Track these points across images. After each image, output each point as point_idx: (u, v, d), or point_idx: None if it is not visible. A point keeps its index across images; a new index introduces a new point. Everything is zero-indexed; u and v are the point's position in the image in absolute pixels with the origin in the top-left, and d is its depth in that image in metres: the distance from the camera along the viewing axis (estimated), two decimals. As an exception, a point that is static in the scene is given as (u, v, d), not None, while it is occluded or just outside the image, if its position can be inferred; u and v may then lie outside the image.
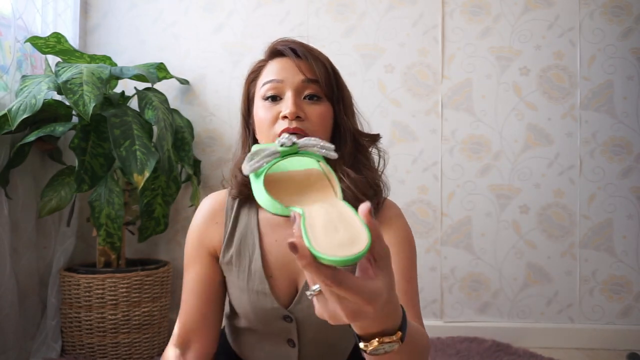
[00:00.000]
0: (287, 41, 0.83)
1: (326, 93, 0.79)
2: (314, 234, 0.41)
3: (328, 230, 0.42)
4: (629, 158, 1.88)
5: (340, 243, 0.40)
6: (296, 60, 0.79)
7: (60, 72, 1.46)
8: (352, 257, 0.38)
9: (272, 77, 0.78)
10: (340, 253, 0.38)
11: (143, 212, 1.73)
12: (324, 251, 0.39)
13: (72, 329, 1.57)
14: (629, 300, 1.86)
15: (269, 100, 0.78)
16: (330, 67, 0.82)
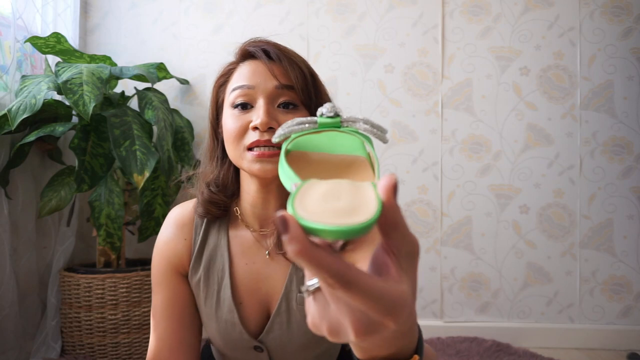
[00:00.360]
0: (260, 42, 0.74)
1: (303, 100, 0.70)
2: (303, 202, 0.30)
3: (326, 198, 0.31)
4: (629, 158, 1.88)
5: (338, 211, 0.29)
6: (269, 64, 0.71)
7: (60, 72, 1.46)
8: (351, 227, 0.27)
9: (242, 83, 0.70)
10: (335, 221, 0.28)
11: (143, 212, 1.73)
12: (313, 218, 0.28)
13: (72, 329, 1.57)
14: (629, 301, 1.86)
15: (238, 108, 0.69)
16: (308, 70, 0.73)
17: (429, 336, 1.84)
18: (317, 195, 0.32)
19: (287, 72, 0.70)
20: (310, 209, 0.29)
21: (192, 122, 1.96)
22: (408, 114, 1.94)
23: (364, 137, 0.42)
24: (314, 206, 0.30)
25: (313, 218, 0.28)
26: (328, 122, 0.42)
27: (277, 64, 0.71)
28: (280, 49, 0.73)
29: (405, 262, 0.31)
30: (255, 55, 0.73)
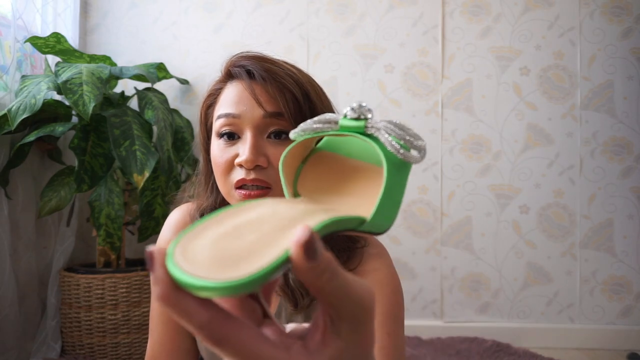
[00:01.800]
0: (244, 58, 0.64)
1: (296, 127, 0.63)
2: (191, 240, 0.25)
3: (226, 237, 0.26)
4: (629, 158, 1.88)
5: (228, 257, 0.24)
6: (253, 87, 0.61)
7: (60, 72, 1.46)
8: (229, 284, 0.22)
9: (227, 111, 0.61)
10: (214, 274, 0.23)
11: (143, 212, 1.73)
12: (189, 269, 0.23)
13: (72, 329, 1.57)
14: (629, 301, 1.86)
15: (224, 138, 0.62)
16: (302, 92, 0.62)
17: (429, 336, 1.84)
18: (215, 232, 0.26)
19: (275, 98, 0.60)
20: (190, 255, 0.24)
21: (192, 122, 1.96)
22: (408, 114, 1.94)
23: (382, 150, 0.35)
24: (198, 250, 0.25)
25: (183, 265, 0.23)
26: (350, 126, 0.36)
27: (262, 87, 0.61)
28: (266, 69, 0.62)
29: (347, 325, 0.25)
30: (239, 77, 0.63)
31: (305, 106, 0.62)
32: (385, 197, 0.34)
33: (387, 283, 0.65)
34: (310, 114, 0.61)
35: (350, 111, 0.36)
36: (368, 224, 0.33)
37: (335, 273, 0.24)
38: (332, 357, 0.25)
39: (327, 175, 0.40)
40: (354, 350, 0.26)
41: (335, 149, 0.42)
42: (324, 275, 0.24)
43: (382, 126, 0.35)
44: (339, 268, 0.25)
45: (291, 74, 0.63)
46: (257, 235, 0.26)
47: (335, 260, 0.25)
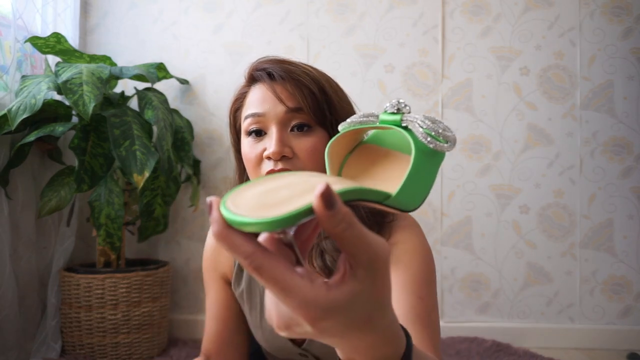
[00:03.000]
0: (264, 62, 0.71)
1: (316, 120, 0.68)
2: (239, 195, 0.32)
3: (267, 192, 0.32)
4: (629, 158, 1.87)
5: (267, 204, 0.30)
6: (274, 87, 0.68)
7: (60, 72, 1.46)
8: (265, 220, 0.28)
9: (253, 111, 0.69)
10: (255, 214, 0.29)
11: (143, 212, 1.73)
12: (236, 210, 0.29)
13: (72, 329, 1.57)
14: (629, 301, 1.86)
15: (252, 135, 0.69)
16: (318, 87, 0.69)
17: None
18: (259, 189, 0.32)
19: (295, 94, 0.67)
20: (238, 202, 0.30)
21: (192, 122, 1.96)
22: (408, 114, 1.94)
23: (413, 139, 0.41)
24: (244, 199, 0.31)
25: (232, 208, 0.29)
26: (388, 120, 0.43)
27: (282, 86, 0.68)
28: (285, 69, 0.69)
29: (363, 271, 0.30)
30: (260, 80, 0.70)
31: (322, 100, 0.68)
32: (412, 178, 0.40)
33: (418, 252, 0.70)
34: (328, 107, 0.68)
35: (389, 106, 0.43)
36: (393, 199, 0.39)
37: (352, 224, 0.29)
38: (348, 293, 0.30)
39: (368, 163, 0.46)
40: (369, 292, 0.30)
41: (380, 142, 0.48)
42: (341, 224, 0.28)
43: (416, 119, 0.41)
44: (357, 221, 0.29)
45: (307, 72, 0.70)
46: (290, 192, 0.31)
47: (353, 215, 0.29)
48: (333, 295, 0.29)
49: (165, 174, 1.61)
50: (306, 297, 0.29)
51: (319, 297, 0.29)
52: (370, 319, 0.32)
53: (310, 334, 0.31)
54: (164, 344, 1.73)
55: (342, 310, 0.30)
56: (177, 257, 1.96)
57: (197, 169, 1.94)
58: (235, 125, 0.77)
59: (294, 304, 0.29)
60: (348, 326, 0.31)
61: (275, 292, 0.29)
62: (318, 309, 0.29)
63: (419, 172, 0.41)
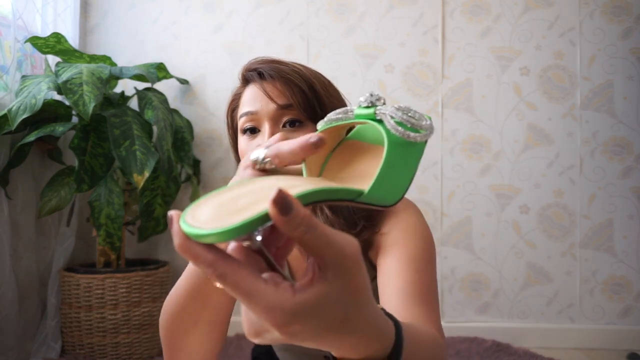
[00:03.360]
0: (255, 63, 0.74)
1: (307, 116, 0.71)
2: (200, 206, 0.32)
3: (226, 202, 0.32)
4: (629, 158, 1.87)
5: (224, 214, 0.30)
6: (265, 86, 0.71)
7: (60, 72, 1.46)
8: (219, 231, 0.28)
9: (246, 110, 0.72)
10: (210, 225, 0.29)
11: (143, 212, 1.73)
12: (194, 223, 0.29)
13: (72, 329, 1.57)
14: (629, 301, 1.86)
15: (247, 133, 0.72)
16: (307, 84, 0.72)
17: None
18: (218, 200, 0.32)
19: (284, 92, 0.70)
20: (196, 214, 0.30)
21: (191, 122, 1.96)
22: (408, 114, 1.94)
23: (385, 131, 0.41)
24: (203, 211, 0.31)
25: (191, 222, 0.29)
26: (362, 114, 0.43)
27: (272, 84, 0.71)
28: (275, 68, 0.72)
29: (331, 272, 0.29)
30: (252, 80, 0.74)
31: (311, 96, 0.71)
32: (385, 172, 0.39)
33: (415, 230, 0.71)
34: (317, 103, 0.71)
35: (363, 100, 0.43)
36: (366, 196, 0.38)
37: (312, 226, 0.28)
38: (316, 295, 0.29)
39: (350, 160, 0.45)
40: (340, 293, 0.30)
41: (362, 138, 0.47)
42: (299, 227, 0.28)
43: (388, 111, 0.41)
44: (318, 223, 0.29)
45: (296, 70, 0.72)
46: (249, 200, 0.31)
47: (313, 217, 0.29)
48: (299, 298, 0.29)
49: (165, 174, 1.61)
50: (270, 302, 0.28)
51: (283, 301, 0.28)
52: (347, 320, 0.31)
53: (281, 339, 0.30)
54: (164, 344, 1.73)
55: (310, 313, 0.29)
56: (177, 257, 1.96)
57: (197, 169, 1.94)
58: (233, 125, 0.80)
59: (258, 309, 0.28)
60: (321, 329, 0.30)
61: (240, 298, 0.29)
62: (283, 313, 0.28)
63: (394, 165, 0.40)
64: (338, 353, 0.34)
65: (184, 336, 0.61)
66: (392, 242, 0.69)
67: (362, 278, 0.31)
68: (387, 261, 0.68)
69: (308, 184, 0.36)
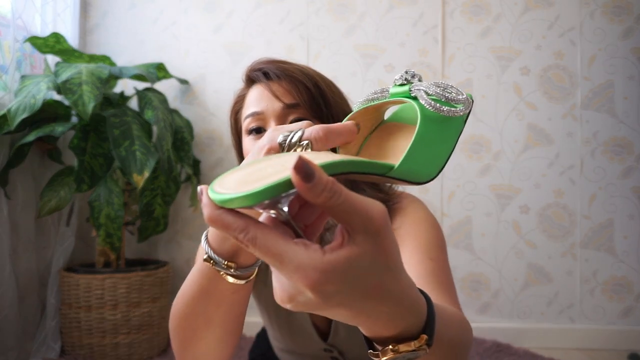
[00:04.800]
0: (260, 63, 0.74)
1: (313, 115, 0.71)
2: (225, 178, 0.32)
3: (253, 171, 0.32)
4: (629, 158, 1.87)
5: (250, 180, 0.30)
6: (271, 85, 0.71)
7: (60, 72, 1.46)
8: (244, 194, 0.28)
9: (252, 110, 0.71)
10: (237, 190, 0.29)
11: (143, 212, 1.73)
12: (221, 190, 0.30)
13: (72, 330, 1.57)
14: (630, 301, 1.86)
15: (253, 133, 0.71)
16: (313, 83, 0.71)
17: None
18: (246, 170, 0.33)
19: (290, 91, 0.70)
20: (224, 183, 0.31)
21: (191, 122, 1.96)
22: (408, 114, 1.94)
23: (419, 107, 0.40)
24: (231, 180, 0.32)
25: (219, 190, 0.30)
26: (397, 92, 0.42)
27: (277, 83, 0.71)
28: (280, 67, 0.72)
29: (361, 236, 0.29)
30: (257, 80, 0.73)
31: (317, 95, 0.70)
32: (417, 147, 0.38)
33: (425, 219, 0.71)
34: (323, 101, 0.71)
35: (398, 78, 0.42)
36: (397, 170, 0.37)
37: (337, 192, 0.28)
38: (347, 256, 0.29)
39: (387, 141, 0.44)
40: (372, 256, 0.30)
41: (400, 119, 0.46)
42: (323, 194, 0.28)
43: (424, 87, 0.40)
44: (343, 188, 0.29)
45: (301, 69, 0.72)
46: (275, 169, 0.31)
47: (337, 183, 0.29)
48: (329, 258, 0.29)
49: (165, 174, 1.61)
50: (301, 261, 0.28)
51: (315, 259, 0.28)
52: (382, 285, 0.30)
53: (314, 302, 0.29)
54: (164, 345, 1.73)
55: (343, 273, 0.29)
56: (177, 257, 1.96)
57: (197, 169, 1.94)
58: (237, 127, 0.79)
59: (289, 268, 0.28)
60: (356, 293, 0.30)
61: (271, 261, 0.29)
62: (316, 271, 0.28)
63: (427, 140, 0.39)
64: (372, 329, 0.34)
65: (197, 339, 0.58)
66: (404, 235, 0.69)
67: (391, 241, 0.31)
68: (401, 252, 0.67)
69: (335, 157, 0.35)
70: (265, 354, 0.93)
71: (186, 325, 0.57)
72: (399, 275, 0.32)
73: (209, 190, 0.31)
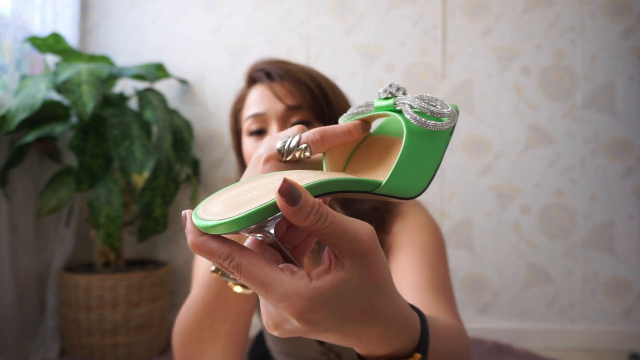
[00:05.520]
0: (262, 63, 0.73)
1: (315, 117, 0.70)
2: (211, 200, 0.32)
3: (236, 195, 0.32)
4: (630, 158, 1.87)
5: (234, 205, 0.30)
6: (273, 86, 0.69)
7: (59, 72, 1.46)
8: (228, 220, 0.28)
9: (253, 111, 0.70)
10: (221, 216, 0.29)
11: (142, 212, 1.73)
12: (205, 216, 0.30)
13: (71, 330, 1.57)
14: (631, 301, 1.85)
15: (254, 135, 0.70)
16: (315, 84, 0.70)
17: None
18: (229, 194, 0.32)
19: (293, 92, 0.69)
20: (208, 209, 0.31)
21: (191, 122, 1.95)
22: (408, 114, 1.93)
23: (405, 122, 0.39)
24: (214, 205, 0.31)
25: (202, 216, 0.30)
26: (382, 105, 0.42)
27: (280, 84, 0.69)
28: (283, 68, 0.71)
29: (348, 260, 0.29)
30: (259, 80, 0.72)
31: (320, 96, 0.69)
32: (404, 163, 0.37)
33: (425, 224, 0.71)
34: (325, 103, 0.70)
35: (382, 91, 0.41)
36: (385, 187, 0.37)
37: (323, 215, 0.28)
38: (334, 282, 0.28)
39: (374, 154, 0.44)
40: (360, 280, 0.29)
41: (386, 132, 0.46)
42: (309, 217, 0.28)
43: (408, 100, 0.39)
44: (330, 211, 0.28)
45: (304, 70, 0.71)
46: (259, 192, 0.31)
47: (323, 205, 0.28)
48: (315, 285, 0.28)
49: (164, 174, 1.60)
50: (286, 289, 0.28)
51: (300, 287, 0.28)
52: (372, 308, 0.30)
53: (301, 330, 0.29)
54: (164, 345, 1.73)
55: (330, 300, 0.28)
56: (177, 258, 1.96)
57: (196, 169, 1.94)
58: (237, 127, 0.78)
59: (275, 297, 0.28)
60: (345, 318, 0.29)
61: (256, 288, 0.28)
62: (300, 299, 0.27)
63: (414, 155, 0.38)
64: (364, 349, 0.33)
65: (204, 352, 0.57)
66: (404, 240, 0.69)
67: (380, 263, 0.30)
68: (400, 258, 0.67)
69: (321, 176, 0.35)
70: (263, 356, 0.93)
71: (193, 339, 0.57)
72: (390, 297, 0.31)
73: (193, 216, 0.30)
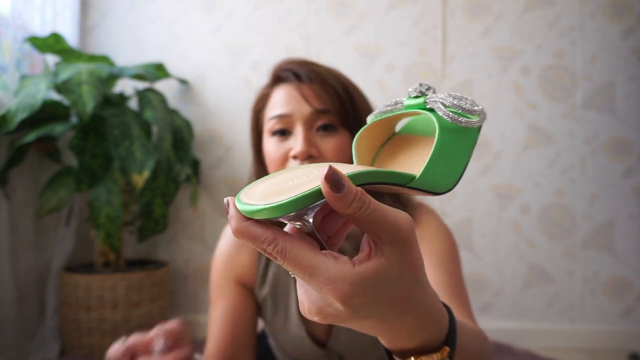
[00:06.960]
0: (290, 63, 0.72)
1: (341, 121, 0.69)
2: (251, 189, 0.32)
3: (279, 182, 0.32)
4: (630, 158, 1.87)
5: (277, 192, 0.30)
6: (301, 88, 0.69)
7: (59, 72, 1.46)
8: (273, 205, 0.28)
9: (279, 112, 0.69)
10: (265, 201, 0.29)
11: (142, 212, 1.72)
12: (248, 201, 0.30)
13: (71, 330, 1.57)
14: (631, 301, 1.85)
15: (277, 135, 0.69)
16: (343, 88, 0.71)
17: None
18: (272, 181, 0.33)
19: (322, 95, 0.69)
20: (250, 194, 0.31)
21: (191, 122, 1.95)
22: (408, 114, 1.93)
23: (436, 118, 0.40)
24: (257, 191, 0.32)
25: (246, 201, 0.30)
26: (412, 104, 0.42)
27: (310, 87, 0.69)
28: (312, 70, 0.70)
29: (388, 247, 0.30)
30: (287, 80, 0.71)
31: (347, 100, 0.70)
32: (437, 158, 0.38)
33: (440, 232, 0.71)
34: (351, 107, 0.70)
35: (412, 90, 0.42)
36: (418, 181, 0.38)
37: (366, 203, 0.29)
38: (375, 268, 0.29)
39: (401, 153, 0.45)
40: (399, 268, 0.30)
41: (413, 131, 0.46)
42: (352, 204, 0.28)
43: (439, 98, 0.39)
44: (371, 199, 0.29)
45: (332, 73, 0.72)
46: (301, 180, 0.31)
47: (365, 193, 0.29)
48: (359, 270, 0.29)
49: (164, 174, 1.60)
50: (331, 274, 0.28)
51: (345, 272, 0.29)
52: (409, 296, 0.31)
53: (344, 314, 0.30)
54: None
55: (371, 285, 0.29)
56: (177, 258, 1.96)
57: (196, 169, 1.94)
58: (258, 125, 0.76)
59: (320, 281, 0.28)
60: (384, 304, 0.30)
61: (300, 273, 0.29)
62: (345, 283, 0.28)
63: (446, 151, 0.39)
64: (395, 340, 0.34)
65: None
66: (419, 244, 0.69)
67: (417, 253, 0.31)
68: None
69: (359, 168, 0.35)
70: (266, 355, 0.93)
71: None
72: (425, 286, 0.32)
73: (236, 201, 0.30)
